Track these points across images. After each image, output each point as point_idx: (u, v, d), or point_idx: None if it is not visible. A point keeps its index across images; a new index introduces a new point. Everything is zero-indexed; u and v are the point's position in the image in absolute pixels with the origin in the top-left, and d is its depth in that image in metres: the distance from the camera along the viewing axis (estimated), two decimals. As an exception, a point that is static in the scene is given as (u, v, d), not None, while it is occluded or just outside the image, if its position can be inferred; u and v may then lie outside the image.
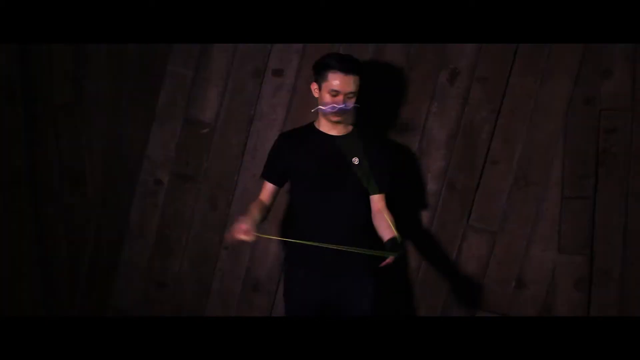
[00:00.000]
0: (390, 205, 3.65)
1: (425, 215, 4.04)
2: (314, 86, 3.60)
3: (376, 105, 3.94)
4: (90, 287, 4.25)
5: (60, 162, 4.19)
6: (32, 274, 4.19)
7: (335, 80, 3.52)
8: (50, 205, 4.20)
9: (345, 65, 3.51)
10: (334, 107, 3.53)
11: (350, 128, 3.68)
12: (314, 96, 3.62)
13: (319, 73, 3.57)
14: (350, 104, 3.55)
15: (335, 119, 3.58)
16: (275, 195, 3.69)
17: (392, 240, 3.44)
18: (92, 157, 4.20)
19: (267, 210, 3.65)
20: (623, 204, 3.92)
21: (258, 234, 3.37)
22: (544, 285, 3.98)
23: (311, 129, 3.66)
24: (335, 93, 3.53)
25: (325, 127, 3.64)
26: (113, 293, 4.24)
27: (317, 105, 3.60)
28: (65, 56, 4.14)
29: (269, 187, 3.68)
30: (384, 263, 3.39)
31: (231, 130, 4.12)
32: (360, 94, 3.60)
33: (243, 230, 3.35)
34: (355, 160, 3.61)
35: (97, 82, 4.16)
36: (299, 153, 3.60)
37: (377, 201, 3.63)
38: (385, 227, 3.53)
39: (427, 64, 3.99)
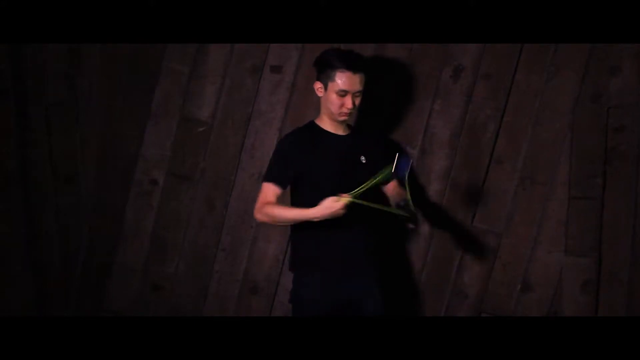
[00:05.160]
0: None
1: (428, 216, 3.99)
2: (318, 85, 3.53)
3: (378, 103, 3.92)
4: (84, 289, 4.22)
5: (53, 161, 4.17)
6: (24, 276, 4.15)
7: (344, 80, 3.47)
8: (42, 206, 4.18)
9: (353, 64, 3.47)
10: (342, 108, 3.49)
11: (351, 125, 3.68)
12: (316, 95, 3.58)
13: (323, 72, 3.51)
14: (358, 102, 3.52)
15: (343, 118, 3.55)
16: (279, 199, 3.56)
17: (404, 200, 3.39)
18: (85, 156, 4.18)
19: None
20: (631, 204, 3.89)
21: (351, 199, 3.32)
22: (550, 288, 3.95)
23: (315, 129, 3.60)
24: (343, 93, 3.49)
25: (330, 126, 3.59)
26: (107, 296, 4.20)
27: (319, 104, 3.57)
28: (57, 53, 4.12)
29: (275, 190, 3.54)
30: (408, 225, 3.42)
31: (228, 128, 4.09)
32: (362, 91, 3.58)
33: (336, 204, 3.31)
34: (363, 159, 3.58)
35: (91, 79, 4.15)
36: (312, 155, 3.53)
37: (389, 187, 3.64)
38: (398, 192, 3.52)
39: (430, 60, 3.98)
